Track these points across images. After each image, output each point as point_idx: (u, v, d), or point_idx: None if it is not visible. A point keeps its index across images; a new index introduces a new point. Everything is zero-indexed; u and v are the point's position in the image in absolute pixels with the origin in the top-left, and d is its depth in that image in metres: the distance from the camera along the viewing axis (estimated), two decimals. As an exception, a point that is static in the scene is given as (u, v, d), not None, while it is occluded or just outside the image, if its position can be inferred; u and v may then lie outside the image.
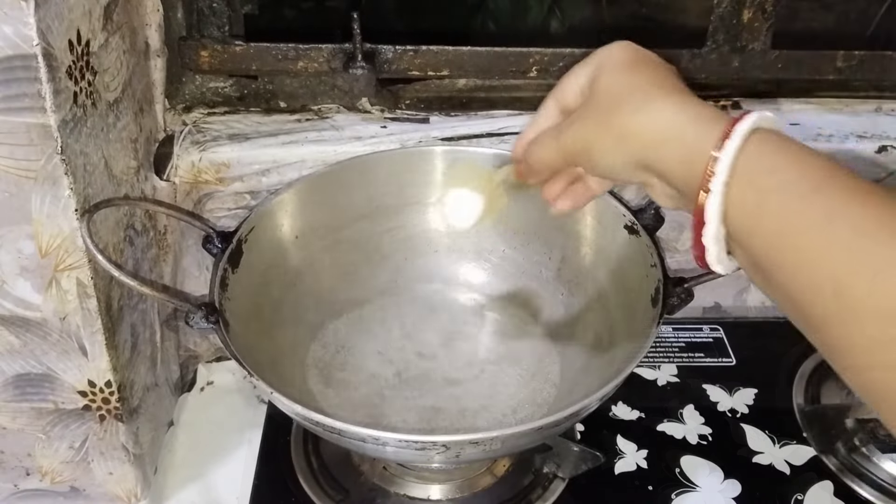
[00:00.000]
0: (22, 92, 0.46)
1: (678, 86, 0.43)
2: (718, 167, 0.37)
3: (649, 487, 0.65)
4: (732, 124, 0.38)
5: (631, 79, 0.43)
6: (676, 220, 0.76)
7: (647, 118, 0.41)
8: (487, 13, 1.06)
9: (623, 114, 0.42)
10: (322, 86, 0.74)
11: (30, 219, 0.51)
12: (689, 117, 0.40)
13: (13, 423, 0.61)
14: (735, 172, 0.37)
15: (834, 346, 0.35)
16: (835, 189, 0.35)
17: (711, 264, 0.41)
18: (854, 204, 0.35)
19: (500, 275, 0.73)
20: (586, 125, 0.44)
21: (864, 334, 0.33)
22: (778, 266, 0.37)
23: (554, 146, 0.46)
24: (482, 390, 0.65)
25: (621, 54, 0.45)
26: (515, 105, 0.75)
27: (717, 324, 0.80)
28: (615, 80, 0.44)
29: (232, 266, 0.60)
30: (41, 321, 0.56)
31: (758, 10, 0.72)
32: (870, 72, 0.76)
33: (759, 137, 0.38)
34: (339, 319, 0.70)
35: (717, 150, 0.38)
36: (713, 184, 0.37)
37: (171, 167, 0.67)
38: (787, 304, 0.37)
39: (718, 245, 0.39)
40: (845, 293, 0.33)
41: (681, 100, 0.41)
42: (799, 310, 0.36)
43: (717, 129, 0.38)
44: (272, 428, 0.69)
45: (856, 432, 0.68)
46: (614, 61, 0.45)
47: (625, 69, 0.44)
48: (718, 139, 0.38)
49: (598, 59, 0.46)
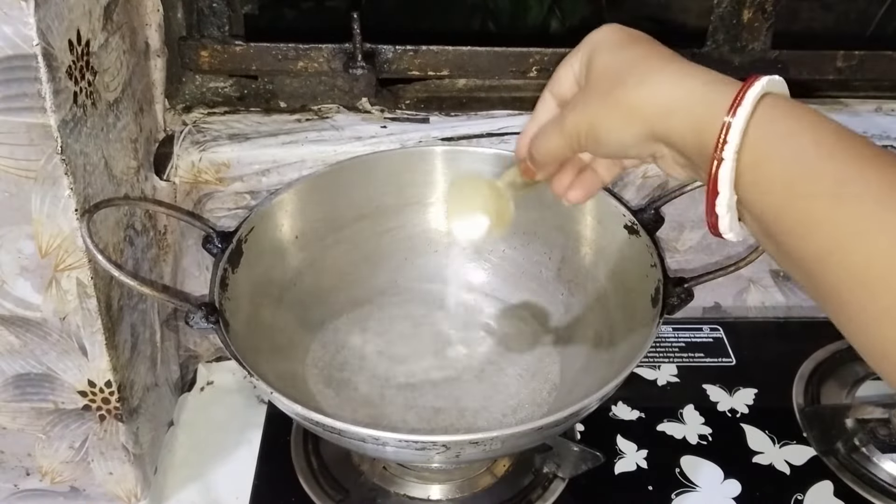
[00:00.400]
0: (22, 92, 0.46)
1: (675, 55, 0.42)
2: (730, 135, 0.37)
3: (649, 487, 0.65)
4: (742, 89, 0.37)
5: (627, 54, 0.43)
6: (676, 220, 0.76)
7: (652, 89, 0.40)
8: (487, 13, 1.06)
9: (627, 89, 0.41)
10: (322, 86, 0.74)
11: (30, 219, 0.51)
12: (696, 84, 0.39)
13: (13, 423, 0.61)
14: (747, 139, 0.37)
15: (845, 314, 0.35)
16: (848, 155, 0.35)
17: (724, 232, 0.40)
18: (868, 170, 0.34)
19: (500, 275, 0.73)
20: (589, 107, 0.44)
21: (876, 303, 0.33)
22: (788, 233, 0.36)
23: (559, 135, 0.46)
24: (482, 390, 0.65)
25: (612, 35, 0.45)
26: (515, 105, 0.75)
27: (717, 324, 0.80)
28: (611, 58, 0.43)
29: (232, 266, 0.60)
30: (41, 321, 0.56)
31: (758, 10, 0.72)
32: (870, 72, 0.76)
33: (770, 102, 0.37)
34: (339, 319, 0.70)
35: (728, 116, 0.37)
36: (725, 152, 0.37)
37: (171, 167, 0.67)
38: (797, 271, 0.37)
39: (731, 213, 0.38)
40: (856, 261, 0.33)
41: (683, 67, 0.41)
42: (809, 277, 0.36)
43: (726, 94, 0.38)
44: (272, 428, 0.69)
45: (856, 432, 0.68)
46: (606, 42, 0.45)
47: (619, 47, 0.44)
48: (728, 105, 0.37)
49: (589, 43, 0.45)
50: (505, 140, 0.72)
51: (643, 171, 0.72)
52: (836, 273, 0.34)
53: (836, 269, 0.34)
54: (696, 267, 0.79)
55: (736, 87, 0.38)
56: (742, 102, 0.37)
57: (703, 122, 0.38)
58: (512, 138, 0.71)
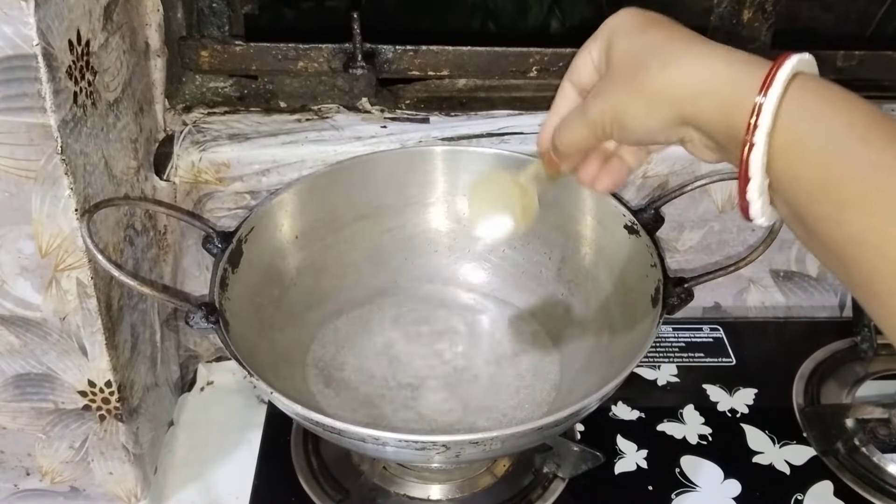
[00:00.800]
0: (22, 92, 0.46)
1: (698, 36, 0.41)
2: (761, 118, 0.35)
3: (649, 487, 0.65)
4: (772, 70, 0.36)
5: (648, 38, 0.42)
6: (676, 220, 0.76)
7: (678, 72, 0.39)
8: (487, 13, 1.06)
9: (651, 73, 0.40)
10: (322, 86, 0.74)
11: (30, 219, 0.51)
12: (722, 64, 0.38)
13: (13, 423, 0.61)
14: (779, 122, 0.35)
15: (878, 299, 0.34)
16: (884, 138, 0.34)
17: (755, 217, 0.38)
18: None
19: (500, 275, 0.73)
20: (613, 94, 0.42)
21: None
22: (822, 218, 0.35)
23: (583, 124, 0.44)
24: (482, 390, 0.65)
25: (630, 18, 0.44)
26: (515, 105, 0.75)
27: (717, 324, 0.80)
28: (632, 42, 0.42)
29: (232, 266, 0.60)
30: (41, 321, 0.56)
31: (758, 10, 0.72)
32: (870, 72, 0.76)
33: (801, 83, 0.36)
34: (339, 319, 0.70)
35: (759, 97, 0.36)
36: (756, 136, 0.36)
37: (171, 167, 0.67)
38: (829, 257, 0.36)
39: (763, 198, 0.37)
40: (893, 246, 0.32)
41: (707, 48, 0.39)
42: (842, 264, 0.35)
43: (754, 74, 0.36)
44: (272, 428, 0.69)
45: (856, 432, 0.68)
46: (625, 26, 0.43)
47: (638, 31, 0.42)
48: (758, 86, 0.36)
49: (606, 29, 0.44)
50: (505, 140, 0.72)
51: (643, 171, 0.72)
52: (872, 258, 0.33)
53: (871, 253, 0.33)
54: (696, 267, 0.79)
55: (764, 66, 0.37)
56: (773, 83, 0.36)
57: (731, 104, 0.37)
58: (512, 138, 0.71)
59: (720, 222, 0.77)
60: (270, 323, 0.64)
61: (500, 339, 0.70)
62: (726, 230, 0.77)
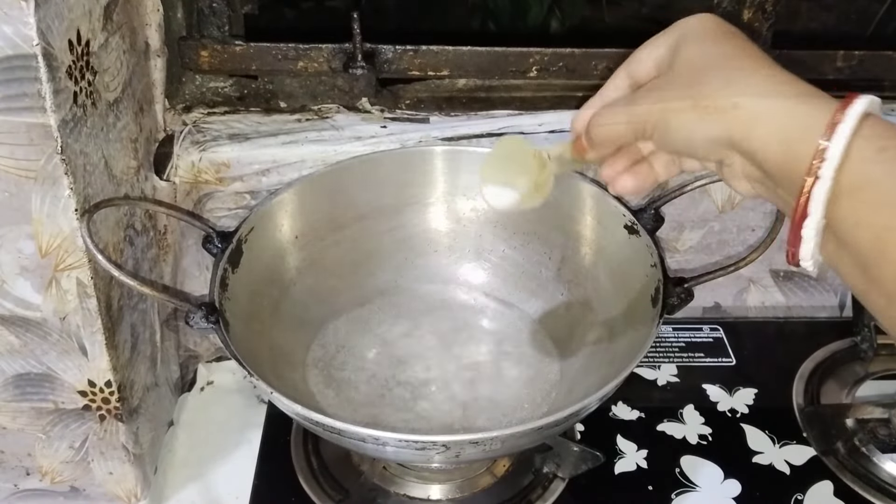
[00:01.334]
0: (22, 92, 0.46)
1: (766, 58, 0.40)
2: (830, 152, 0.34)
3: (649, 487, 0.65)
4: (843, 105, 0.35)
5: (718, 49, 0.41)
6: (676, 220, 0.76)
7: (740, 91, 0.38)
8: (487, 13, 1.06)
9: (711, 86, 0.39)
10: (322, 86, 0.74)
11: (30, 219, 0.51)
12: (789, 93, 0.37)
13: (13, 423, 0.61)
14: (848, 159, 0.34)
15: None
16: None
17: (804, 259, 0.37)
18: None
19: (500, 275, 0.73)
20: (666, 96, 0.41)
21: None
22: (888, 261, 0.34)
23: (625, 118, 0.43)
24: (482, 390, 0.65)
25: (705, 24, 0.43)
26: (515, 105, 0.75)
27: (717, 324, 0.80)
28: (699, 50, 0.41)
29: (232, 266, 0.60)
30: (41, 321, 0.56)
31: (758, 10, 0.72)
32: (870, 72, 0.76)
33: (871, 122, 0.35)
34: (339, 319, 0.70)
35: (828, 132, 0.34)
36: (823, 169, 0.34)
37: (171, 167, 0.67)
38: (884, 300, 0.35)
39: (817, 237, 0.36)
40: None
41: (775, 73, 0.38)
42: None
43: (822, 108, 0.35)
44: (272, 428, 0.69)
45: (856, 432, 0.68)
46: (698, 32, 0.42)
47: (710, 40, 0.41)
48: (826, 121, 0.35)
49: (679, 29, 0.43)
50: (505, 140, 0.72)
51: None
52: None
53: None
54: (696, 267, 0.79)
55: (831, 102, 0.36)
56: (844, 119, 0.35)
57: (793, 135, 0.36)
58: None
59: (720, 222, 0.77)
60: (270, 323, 0.64)
61: (500, 339, 0.70)
62: (726, 230, 0.77)
